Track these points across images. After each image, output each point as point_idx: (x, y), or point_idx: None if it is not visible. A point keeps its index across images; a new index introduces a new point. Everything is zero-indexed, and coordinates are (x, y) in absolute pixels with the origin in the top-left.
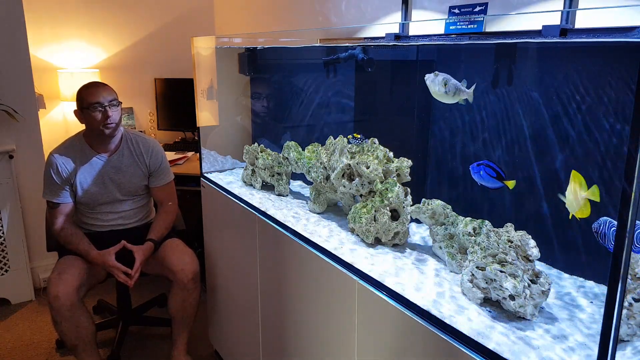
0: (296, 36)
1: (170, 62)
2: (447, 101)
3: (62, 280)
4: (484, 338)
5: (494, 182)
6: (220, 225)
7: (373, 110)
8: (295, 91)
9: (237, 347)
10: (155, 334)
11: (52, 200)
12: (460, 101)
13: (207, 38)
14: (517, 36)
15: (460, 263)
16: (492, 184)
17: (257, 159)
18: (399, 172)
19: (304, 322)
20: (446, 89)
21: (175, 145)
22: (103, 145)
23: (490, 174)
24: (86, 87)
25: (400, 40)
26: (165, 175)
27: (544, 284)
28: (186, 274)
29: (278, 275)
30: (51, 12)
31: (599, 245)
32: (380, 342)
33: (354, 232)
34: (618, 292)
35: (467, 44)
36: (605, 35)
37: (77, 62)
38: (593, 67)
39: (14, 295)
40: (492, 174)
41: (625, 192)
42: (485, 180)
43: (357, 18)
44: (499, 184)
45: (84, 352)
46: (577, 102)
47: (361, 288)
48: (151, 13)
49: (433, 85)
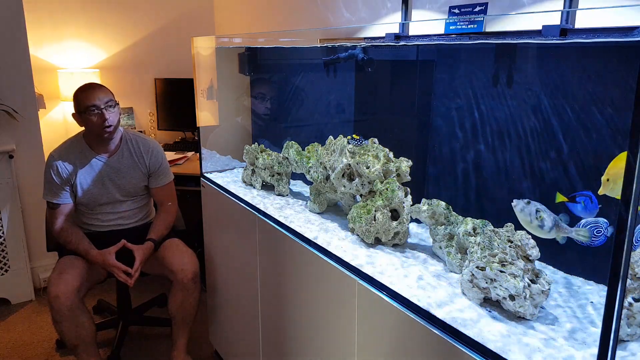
0: (296, 36)
1: (170, 62)
2: (543, 236)
3: (63, 280)
4: (484, 338)
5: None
6: (220, 225)
7: (373, 110)
8: (295, 91)
9: (237, 347)
10: (155, 334)
11: (52, 201)
12: (559, 239)
13: (207, 38)
14: (517, 36)
15: (460, 263)
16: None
17: (257, 159)
18: (399, 172)
19: (304, 322)
20: (541, 222)
21: (175, 145)
22: (103, 146)
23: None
24: (81, 90)
25: (400, 40)
26: (165, 176)
27: (544, 284)
28: (186, 274)
29: (278, 275)
30: (51, 12)
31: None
32: (380, 342)
33: (354, 232)
34: (618, 292)
35: (467, 44)
36: (605, 35)
37: (77, 62)
38: (593, 67)
39: (14, 295)
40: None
41: (626, 192)
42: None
43: (357, 18)
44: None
45: (84, 352)
46: (577, 102)
47: (361, 288)
48: (151, 13)
49: (523, 215)
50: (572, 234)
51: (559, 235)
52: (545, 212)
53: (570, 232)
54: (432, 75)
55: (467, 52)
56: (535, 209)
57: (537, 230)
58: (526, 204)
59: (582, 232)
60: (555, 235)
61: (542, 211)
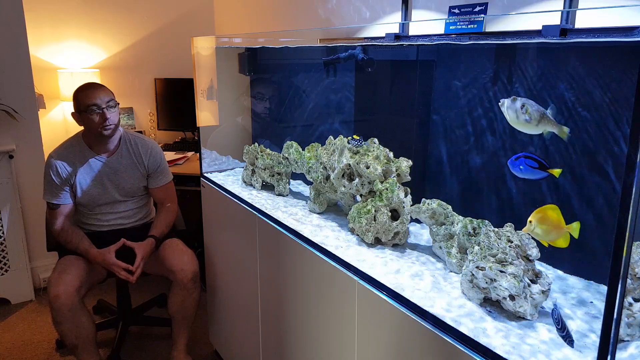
0: (296, 36)
1: (170, 62)
2: (528, 131)
3: (63, 280)
4: (484, 338)
5: (538, 172)
6: (220, 225)
7: (373, 110)
8: (295, 91)
9: (237, 347)
10: (155, 334)
11: (52, 201)
12: (545, 133)
13: (207, 38)
14: (517, 36)
15: (460, 263)
16: (536, 175)
17: (257, 159)
18: (399, 172)
19: (304, 322)
20: (527, 116)
21: (175, 145)
22: (102, 146)
23: (531, 165)
24: (82, 89)
25: (400, 40)
26: (164, 176)
27: (544, 284)
28: (186, 274)
29: (278, 275)
30: (51, 12)
31: (599, 245)
32: (380, 342)
33: (354, 232)
34: (618, 292)
35: (467, 44)
36: (605, 35)
37: (77, 62)
38: (593, 67)
39: (14, 295)
40: (533, 164)
41: (625, 191)
42: (527, 172)
43: (357, 18)
44: (543, 174)
45: (85, 352)
46: (576, 101)
47: (361, 288)
48: (151, 13)
49: (510, 112)
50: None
51: (546, 129)
52: (531, 105)
53: (556, 125)
54: (432, 75)
55: (467, 52)
56: (521, 104)
57: (525, 125)
58: (512, 101)
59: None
60: (543, 130)
61: (528, 105)
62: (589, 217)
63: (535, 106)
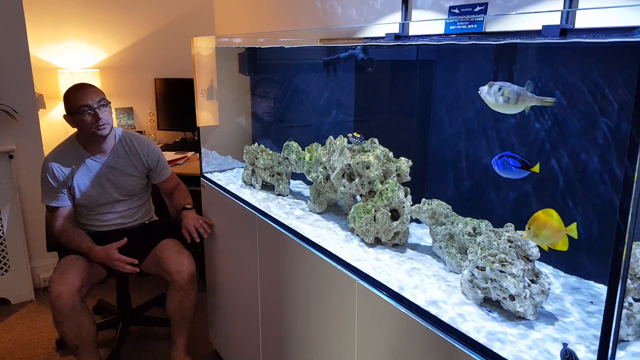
0: (296, 36)
1: (170, 62)
2: (510, 111)
3: (64, 280)
4: (484, 338)
5: (519, 172)
6: (220, 225)
7: (373, 110)
8: (295, 91)
9: (237, 347)
10: (155, 334)
11: (51, 204)
12: (527, 109)
13: (207, 38)
14: (517, 36)
15: (460, 263)
16: (518, 174)
17: (257, 159)
18: (399, 172)
19: (304, 322)
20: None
21: (175, 145)
22: (97, 146)
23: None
24: (72, 90)
25: (400, 40)
26: (166, 169)
27: (544, 284)
28: (182, 275)
29: (278, 275)
30: (51, 12)
31: (599, 246)
32: (380, 342)
33: (354, 232)
34: (618, 292)
35: (467, 44)
36: (605, 35)
37: (77, 62)
38: (592, 67)
39: (14, 295)
40: (516, 164)
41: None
42: (509, 172)
43: (357, 18)
44: (524, 173)
45: (85, 351)
46: (576, 102)
47: (361, 288)
48: (151, 13)
49: (489, 97)
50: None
51: (527, 106)
52: (508, 87)
53: (537, 99)
54: (432, 75)
55: (467, 52)
56: (498, 87)
57: (505, 107)
58: (489, 86)
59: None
60: (524, 107)
61: (504, 87)
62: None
63: (511, 87)
